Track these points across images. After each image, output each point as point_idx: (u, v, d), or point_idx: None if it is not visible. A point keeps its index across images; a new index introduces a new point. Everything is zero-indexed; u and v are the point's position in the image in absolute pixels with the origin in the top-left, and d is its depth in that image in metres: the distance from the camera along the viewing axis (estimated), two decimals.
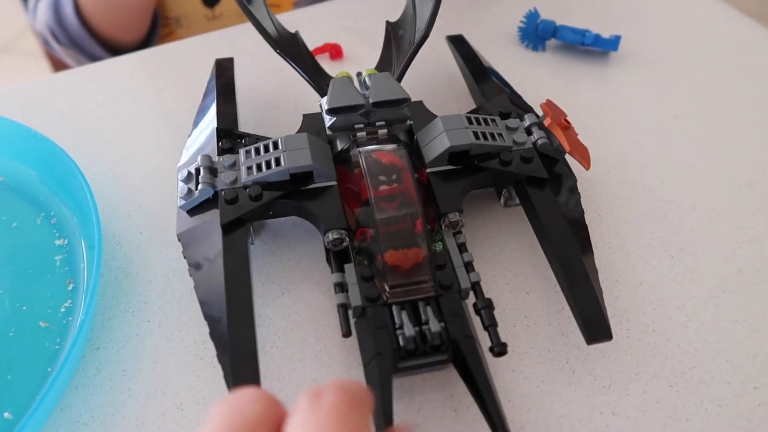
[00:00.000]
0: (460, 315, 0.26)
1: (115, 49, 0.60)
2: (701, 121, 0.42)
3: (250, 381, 0.24)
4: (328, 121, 0.32)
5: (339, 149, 0.32)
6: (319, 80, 0.36)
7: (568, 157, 0.33)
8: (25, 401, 0.27)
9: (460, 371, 0.26)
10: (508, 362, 0.29)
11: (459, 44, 0.42)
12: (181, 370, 0.29)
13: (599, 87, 0.45)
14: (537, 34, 0.47)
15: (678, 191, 0.37)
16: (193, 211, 0.30)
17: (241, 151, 0.31)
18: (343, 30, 0.49)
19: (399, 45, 0.39)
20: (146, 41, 0.61)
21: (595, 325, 0.27)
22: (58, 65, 0.78)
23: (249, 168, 0.30)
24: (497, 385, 0.28)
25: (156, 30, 0.62)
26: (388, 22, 0.41)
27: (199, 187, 0.30)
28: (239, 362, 0.24)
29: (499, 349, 0.26)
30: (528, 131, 0.33)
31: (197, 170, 0.30)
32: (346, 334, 0.26)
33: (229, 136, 0.32)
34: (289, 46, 0.37)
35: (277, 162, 0.29)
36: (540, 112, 0.34)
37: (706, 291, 0.32)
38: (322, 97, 0.34)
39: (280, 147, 0.30)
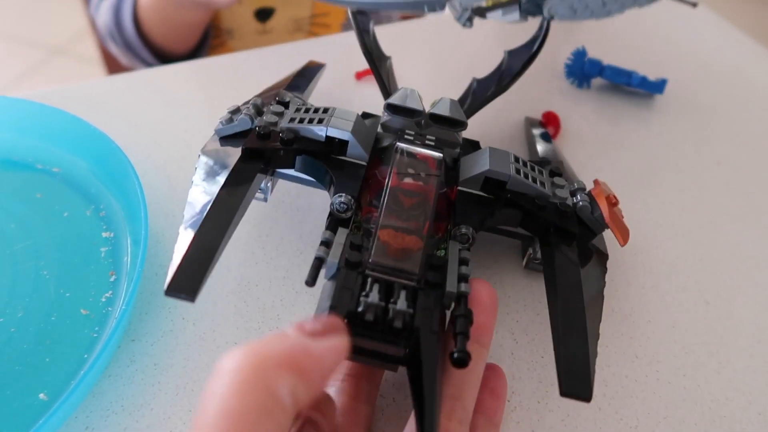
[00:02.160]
0: (433, 312, 0.24)
1: (164, 57, 0.62)
2: (744, 168, 0.42)
3: (194, 276, 0.22)
4: (384, 117, 0.32)
5: (382, 146, 0.32)
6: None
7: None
8: (60, 384, 0.28)
9: (411, 376, 0.23)
10: (533, 393, 0.29)
11: (536, 126, 0.42)
12: (211, 369, 0.29)
13: (642, 128, 0.45)
14: (583, 71, 0.47)
15: (717, 237, 0.37)
16: (225, 140, 0.30)
17: (292, 106, 0.32)
18: (393, 53, 0.51)
19: (476, 94, 0.39)
20: (194, 53, 0.64)
21: (575, 377, 0.23)
22: (113, 70, 0.82)
23: (292, 119, 0.30)
24: (521, 415, 0.28)
25: (206, 43, 0.64)
26: (474, 78, 0.41)
27: (240, 116, 0.30)
28: (196, 247, 0.23)
29: (460, 355, 0.23)
30: (572, 193, 0.31)
31: (246, 108, 0.31)
32: (310, 282, 0.24)
33: (287, 96, 0.33)
34: (381, 62, 0.38)
35: (320, 122, 0.30)
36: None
37: (741, 340, 0.31)
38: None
39: (330, 113, 0.30)
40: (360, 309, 0.23)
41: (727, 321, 0.32)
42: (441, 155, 0.30)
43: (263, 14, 0.64)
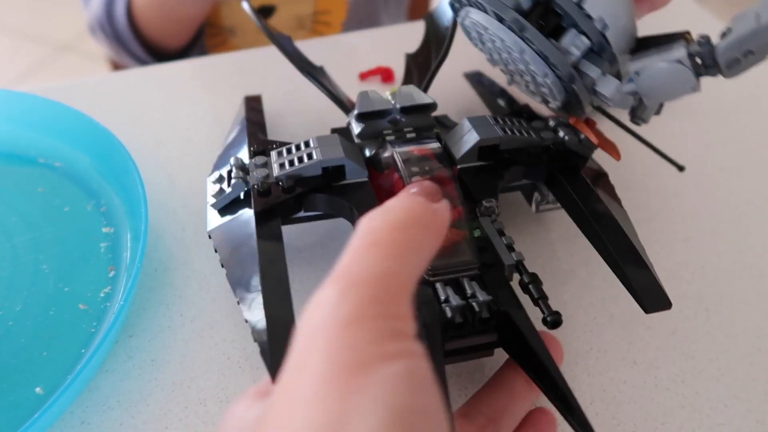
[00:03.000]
0: (508, 288, 0.26)
1: (155, 52, 0.61)
2: (747, 175, 0.41)
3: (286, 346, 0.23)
4: (357, 128, 0.33)
5: (368, 155, 0.32)
6: (345, 106, 0.37)
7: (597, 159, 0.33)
8: (57, 379, 0.28)
9: (511, 352, 0.25)
10: None
11: (477, 79, 0.43)
12: (208, 366, 0.29)
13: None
14: None
15: (719, 244, 0.36)
16: (224, 210, 0.30)
17: (273, 153, 0.31)
18: (396, 54, 0.51)
19: (420, 69, 0.40)
20: (187, 49, 0.63)
21: (653, 294, 0.26)
22: (120, 67, 0.82)
23: (281, 165, 0.30)
24: None
25: (199, 39, 0.64)
26: (407, 54, 0.42)
27: (232, 182, 0.30)
28: (276, 330, 0.23)
29: (553, 318, 0.25)
30: (554, 130, 0.33)
31: (229, 172, 0.31)
32: None
33: (261, 143, 0.33)
34: (316, 73, 0.38)
35: (309, 157, 0.30)
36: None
37: (741, 347, 0.31)
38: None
39: (312, 145, 0.30)
40: (449, 316, 0.24)
41: (728, 328, 0.32)
42: (437, 144, 0.32)
43: (264, 12, 0.64)
